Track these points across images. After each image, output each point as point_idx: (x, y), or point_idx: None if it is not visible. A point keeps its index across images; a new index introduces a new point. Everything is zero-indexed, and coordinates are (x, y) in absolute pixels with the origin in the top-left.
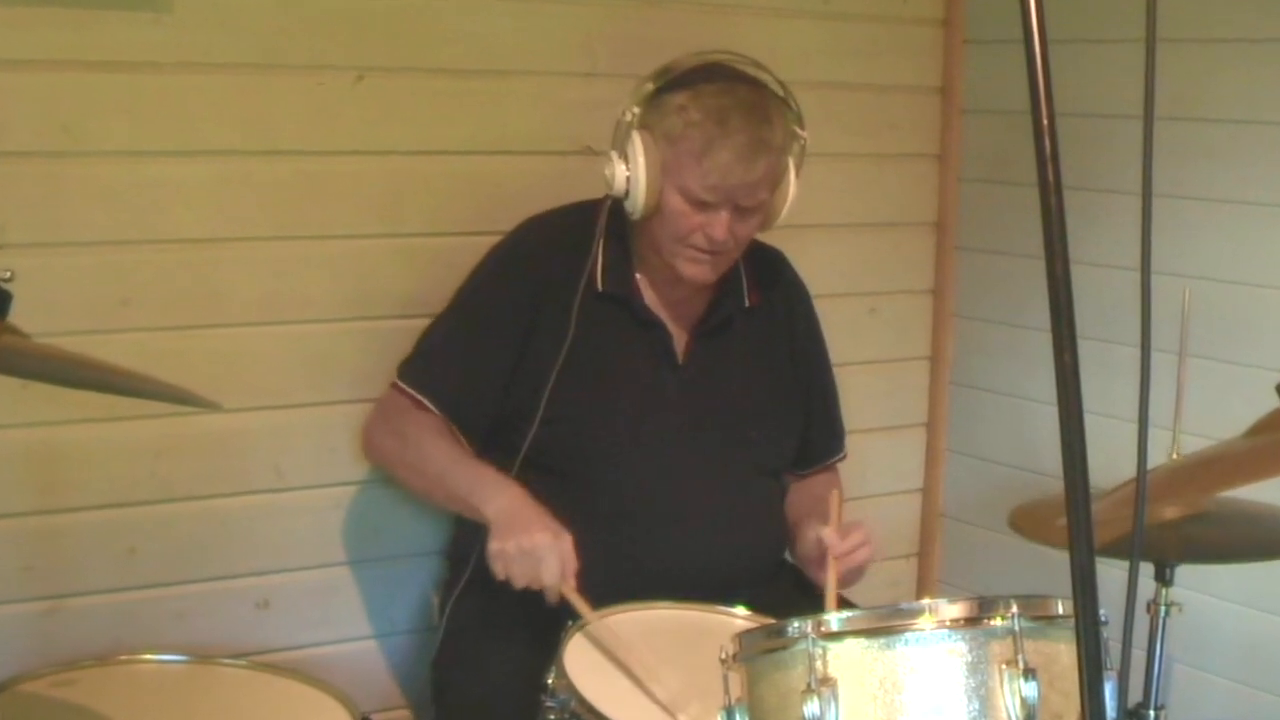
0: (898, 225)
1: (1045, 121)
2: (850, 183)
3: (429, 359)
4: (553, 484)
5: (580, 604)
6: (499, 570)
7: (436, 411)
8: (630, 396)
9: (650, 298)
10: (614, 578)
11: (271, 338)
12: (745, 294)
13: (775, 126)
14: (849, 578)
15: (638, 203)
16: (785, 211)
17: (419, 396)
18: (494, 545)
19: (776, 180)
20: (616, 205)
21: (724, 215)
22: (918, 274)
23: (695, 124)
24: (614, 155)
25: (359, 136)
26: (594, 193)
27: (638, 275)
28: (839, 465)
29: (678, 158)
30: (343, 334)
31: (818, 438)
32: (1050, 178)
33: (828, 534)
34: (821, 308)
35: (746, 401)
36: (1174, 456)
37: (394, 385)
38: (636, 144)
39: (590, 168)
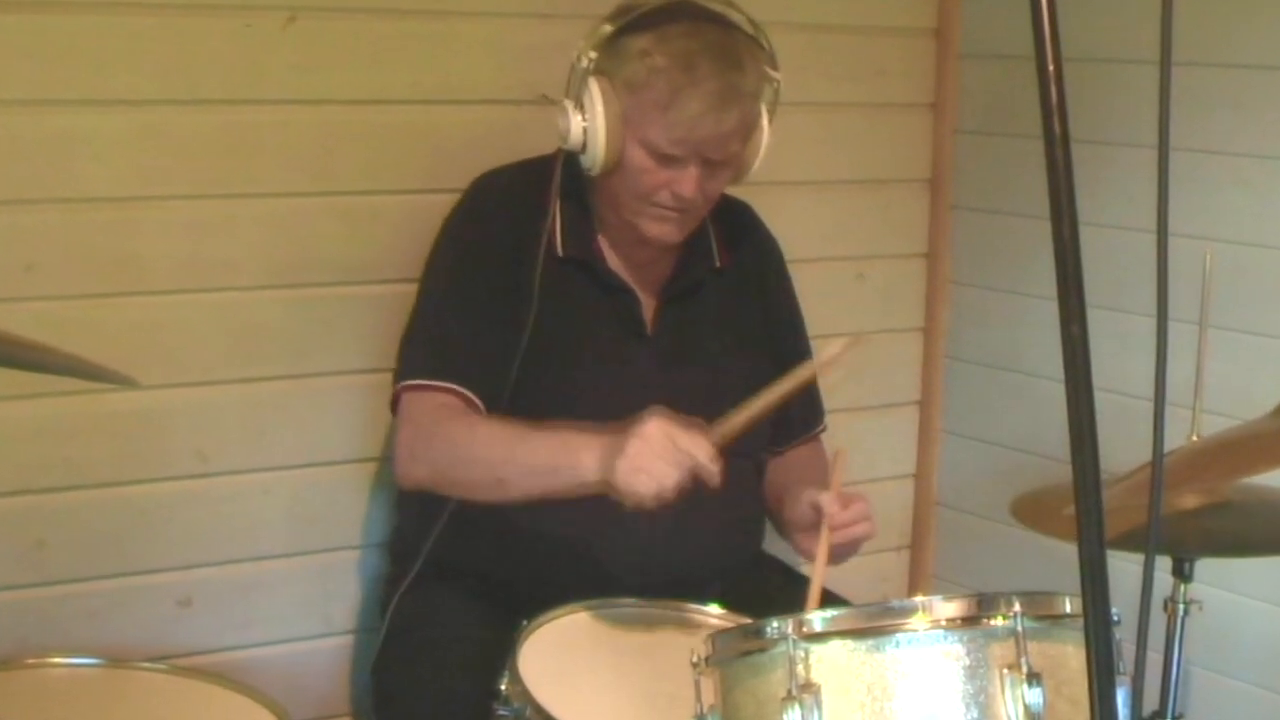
0: (888, 182)
1: (1051, 67)
2: (835, 135)
3: (431, 349)
4: None
5: (730, 427)
6: (655, 490)
7: (467, 393)
8: (599, 372)
9: (614, 260)
10: (575, 572)
11: (193, 306)
12: (715, 254)
13: (747, 71)
14: (841, 553)
15: (596, 157)
16: (758, 163)
17: (443, 384)
18: (631, 481)
19: (749, 130)
20: (572, 160)
21: (692, 170)
22: (909, 236)
23: (659, 70)
24: (568, 105)
25: (290, 84)
26: (550, 147)
27: (599, 236)
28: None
29: (640, 108)
30: (273, 302)
31: (796, 409)
32: (1056, 129)
33: (827, 500)
34: (803, 273)
35: (721, 375)
36: (1194, 438)
37: (406, 389)
38: (594, 92)
39: (546, 119)
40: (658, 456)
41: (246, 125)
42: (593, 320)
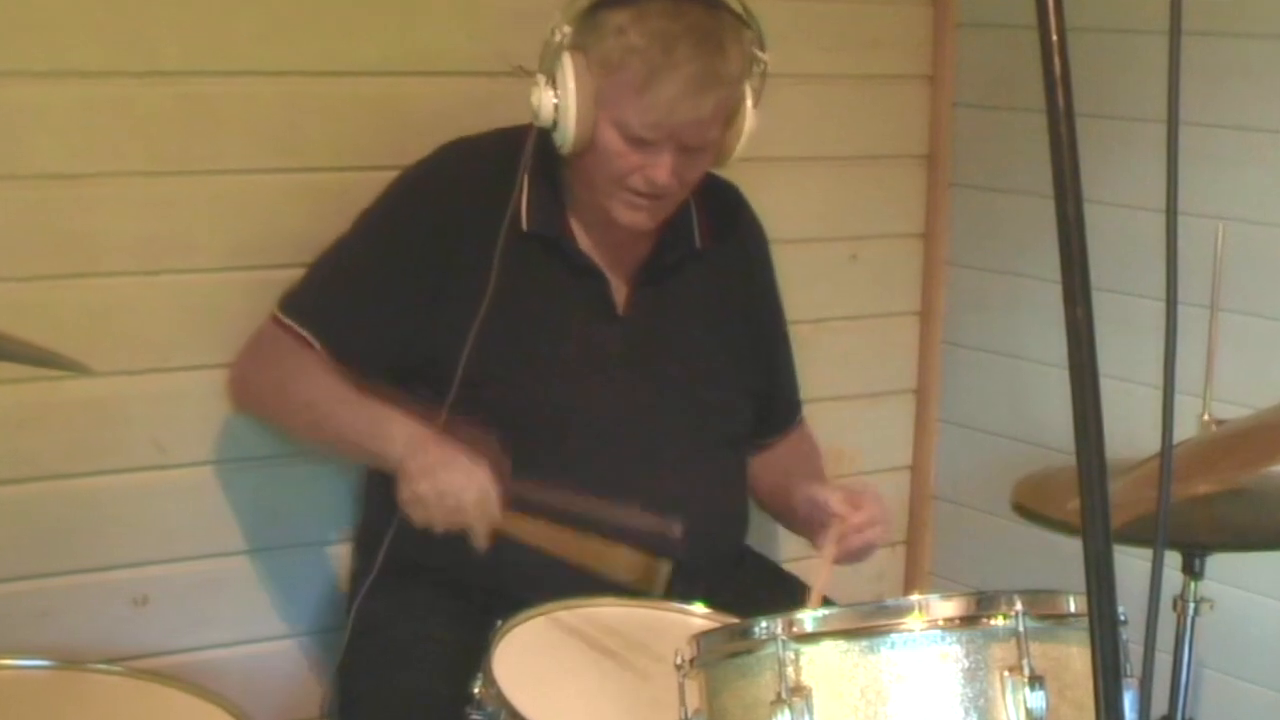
0: (882, 158)
1: (1055, 37)
2: (827, 109)
3: (318, 290)
4: None
5: (520, 530)
6: (418, 518)
7: (323, 351)
8: (564, 353)
9: (584, 240)
10: (553, 568)
11: (150, 289)
12: (696, 235)
13: (730, 56)
14: (850, 557)
15: (567, 136)
16: (740, 148)
17: (303, 332)
18: (405, 491)
19: (729, 115)
20: (546, 135)
21: (666, 156)
22: (905, 215)
23: (636, 50)
24: (541, 79)
25: (251, 54)
26: (523, 121)
27: (570, 215)
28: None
29: (614, 88)
30: (233, 285)
31: (783, 400)
32: (1060, 102)
33: (836, 501)
34: (793, 255)
35: (699, 359)
36: (1205, 418)
37: (273, 319)
38: (567, 68)
39: (522, 92)
40: (435, 506)
41: (207, 97)
42: (558, 299)
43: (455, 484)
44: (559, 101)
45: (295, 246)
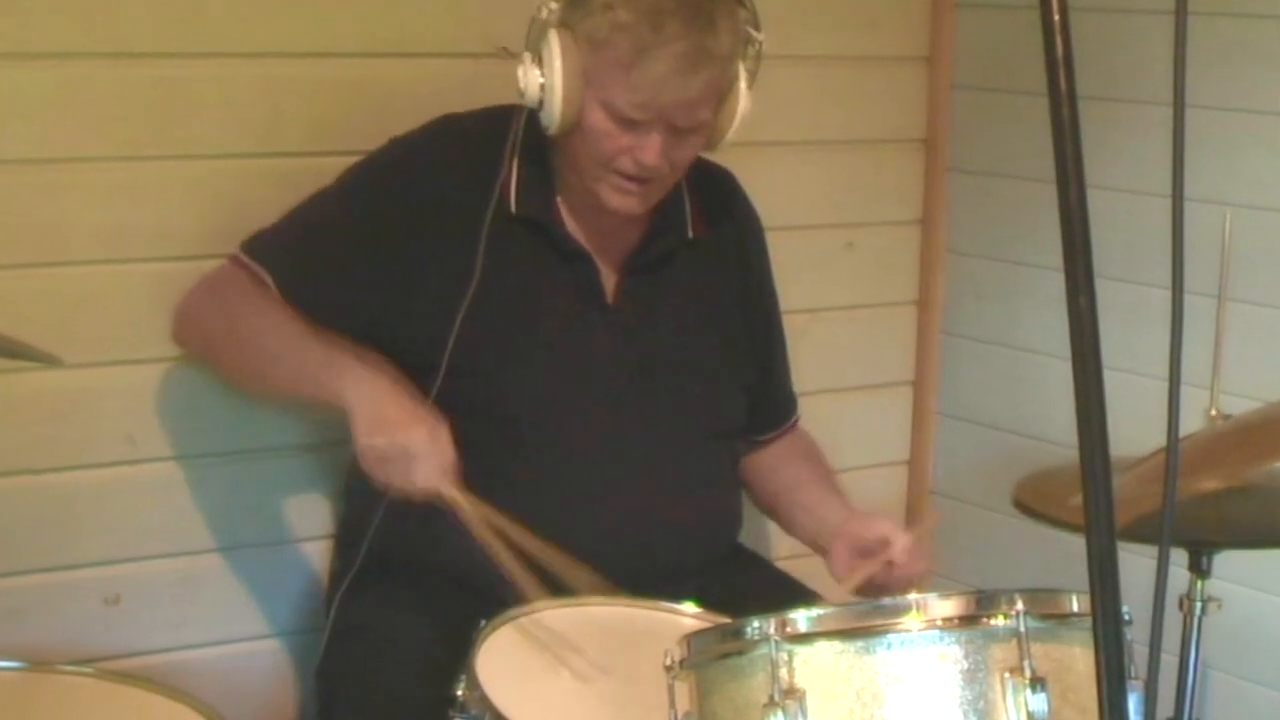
0: (879, 143)
1: (1057, 16)
2: (822, 92)
3: (283, 235)
4: (458, 451)
5: (464, 504)
6: (370, 469)
7: (276, 290)
8: (551, 342)
9: (574, 225)
10: (534, 568)
11: (122, 278)
12: (689, 223)
13: (721, 32)
14: (877, 590)
15: (554, 116)
16: (733, 130)
17: (258, 269)
18: (362, 440)
19: (721, 96)
20: (535, 116)
21: (656, 137)
22: (902, 201)
23: (624, 27)
24: (527, 58)
25: (229, 35)
26: (511, 103)
27: (558, 198)
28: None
29: (602, 66)
30: None
31: (779, 394)
32: (1063, 85)
33: (900, 542)
34: (787, 242)
35: (690, 351)
36: (1212, 413)
37: (230, 257)
38: (553, 46)
39: (506, 74)
40: (390, 460)
41: (181, 80)
42: (545, 285)
43: (413, 443)
44: (545, 80)
45: None
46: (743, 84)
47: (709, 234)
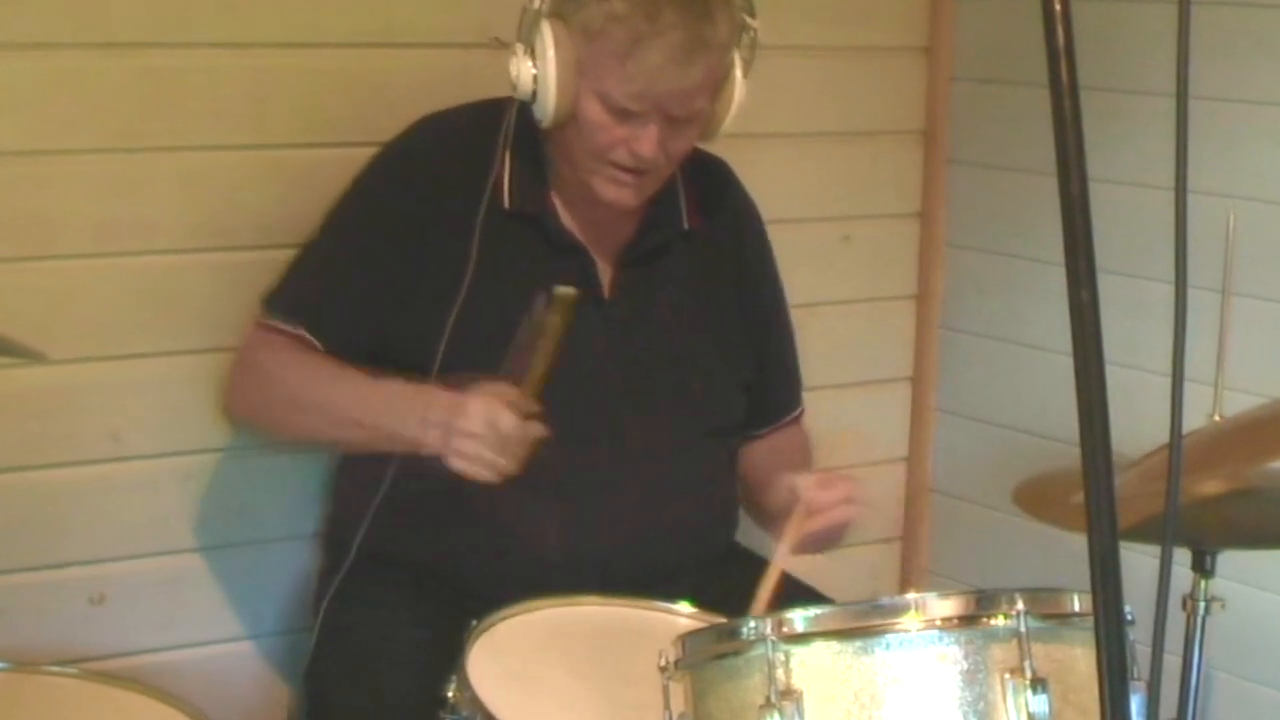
0: (877, 134)
1: (1058, 6)
2: (819, 83)
3: (304, 287)
4: None
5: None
6: (469, 466)
7: (319, 345)
8: None
9: (567, 219)
10: (531, 565)
11: (108, 272)
12: (684, 215)
13: (718, 21)
14: (818, 541)
15: (547, 108)
16: (730, 120)
17: (296, 330)
18: (448, 443)
19: (718, 85)
20: (527, 107)
21: (652, 128)
22: (901, 194)
23: (619, 17)
24: (519, 49)
25: (216, 25)
26: (501, 94)
27: (552, 192)
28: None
29: (596, 57)
30: (195, 267)
31: (777, 389)
32: (1064, 76)
33: (804, 482)
34: (783, 235)
35: (687, 346)
36: (1216, 418)
37: (259, 325)
38: (546, 37)
39: (499, 65)
40: (486, 446)
41: (168, 71)
42: (542, 280)
43: (490, 411)
44: (538, 72)
45: (261, 227)
46: (738, 73)
47: (704, 225)
